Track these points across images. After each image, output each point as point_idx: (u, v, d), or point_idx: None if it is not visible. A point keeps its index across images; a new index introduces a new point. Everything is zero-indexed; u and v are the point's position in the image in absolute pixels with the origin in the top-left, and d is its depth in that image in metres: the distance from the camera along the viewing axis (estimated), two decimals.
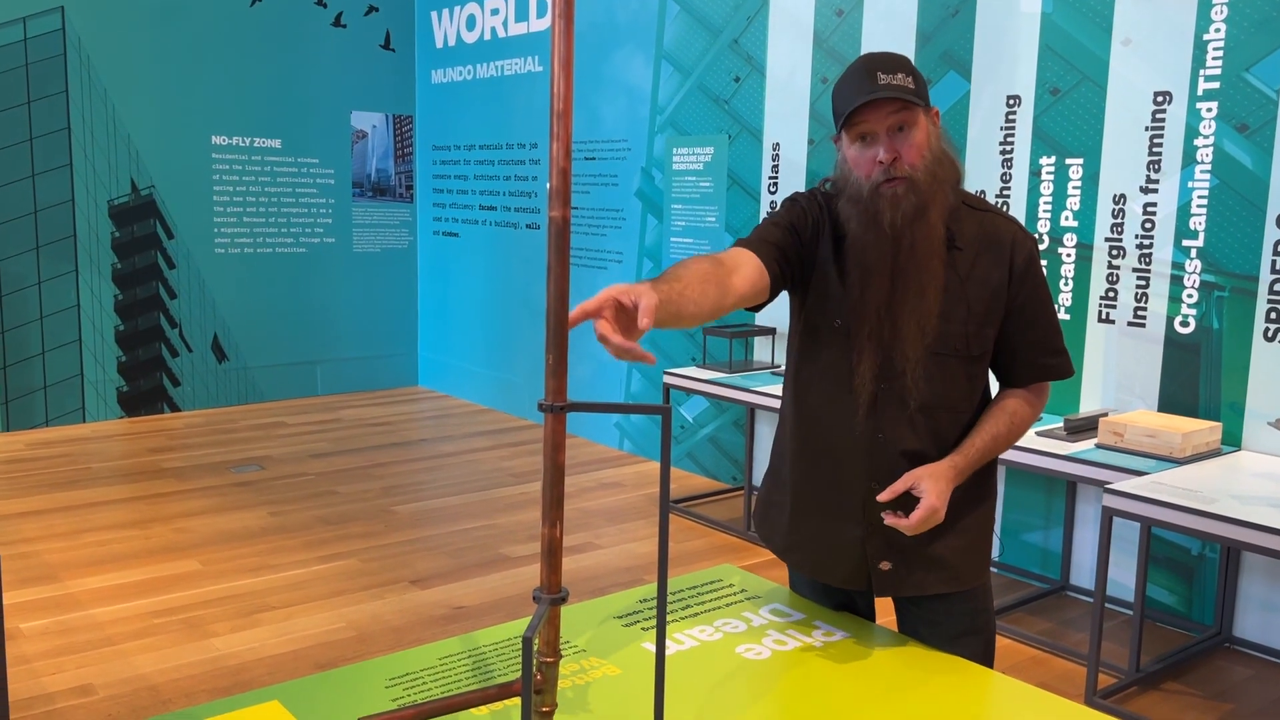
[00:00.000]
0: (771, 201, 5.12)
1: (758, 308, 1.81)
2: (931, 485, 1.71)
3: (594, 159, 6.12)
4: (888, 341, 1.75)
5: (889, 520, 1.71)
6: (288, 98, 7.05)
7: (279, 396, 7.26)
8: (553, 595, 1.25)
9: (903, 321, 1.74)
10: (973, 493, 1.86)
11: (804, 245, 1.81)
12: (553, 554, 1.25)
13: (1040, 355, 1.85)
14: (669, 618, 1.90)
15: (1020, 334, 1.82)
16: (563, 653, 1.64)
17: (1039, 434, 3.58)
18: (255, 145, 6.96)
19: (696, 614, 1.92)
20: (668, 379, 4.90)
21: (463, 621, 3.67)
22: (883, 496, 1.73)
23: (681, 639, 1.81)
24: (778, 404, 4.01)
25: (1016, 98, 4.08)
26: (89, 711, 3.01)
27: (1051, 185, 4.01)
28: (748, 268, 1.70)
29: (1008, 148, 4.12)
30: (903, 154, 1.70)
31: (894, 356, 1.76)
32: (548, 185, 1.24)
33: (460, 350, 7.49)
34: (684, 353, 5.63)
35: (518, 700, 1.52)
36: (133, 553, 4.28)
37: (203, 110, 6.72)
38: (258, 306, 7.09)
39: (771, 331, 5.00)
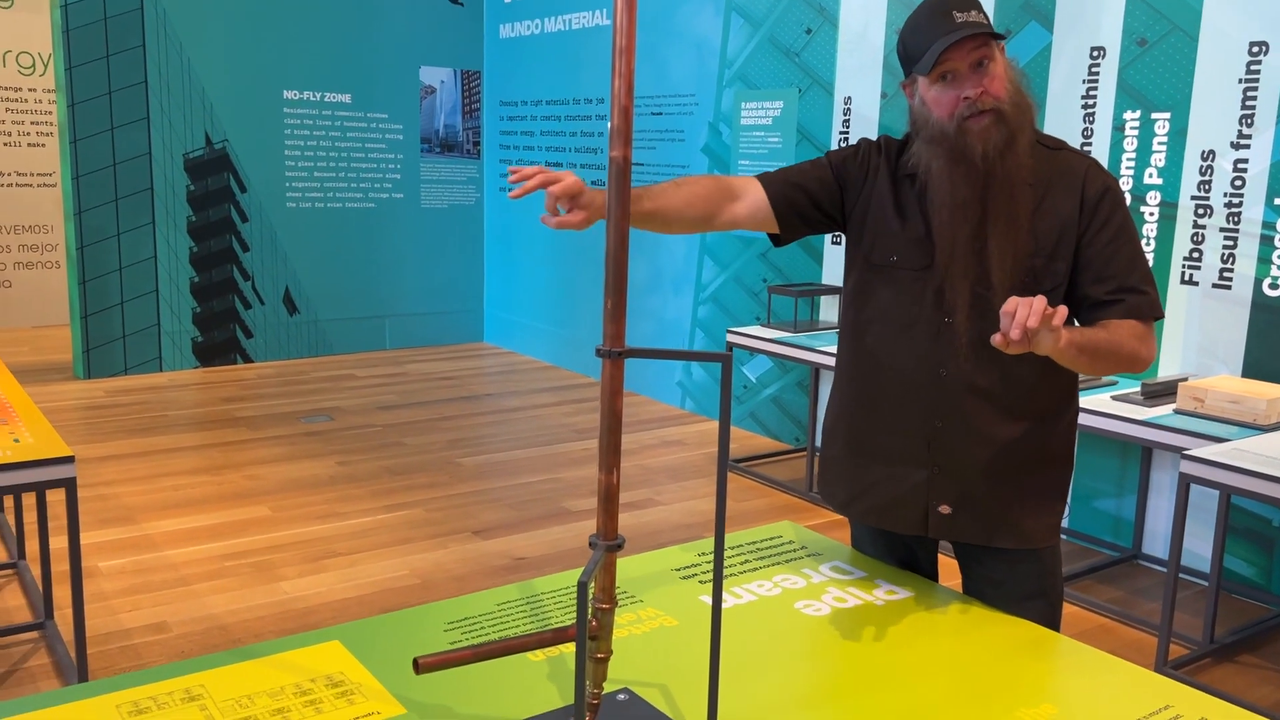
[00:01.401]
0: None
1: (779, 241, 1.92)
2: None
3: (660, 114, 6.05)
4: (975, 275, 1.71)
5: (995, 341, 1.50)
6: (358, 53, 7.09)
7: (348, 350, 7.38)
8: (609, 542, 1.24)
9: (990, 253, 1.70)
10: (1046, 453, 1.82)
11: (846, 185, 1.86)
12: (609, 501, 1.24)
13: (1118, 292, 1.70)
14: (727, 572, 1.88)
15: (1094, 268, 1.72)
16: (620, 602, 1.64)
17: (1114, 398, 3.48)
18: (326, 100, 7.02)
19: (756, 569, 1.90)
20: (731, 338, 4.85)
21: (523, 571, 3.70)
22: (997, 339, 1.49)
23: (740, 593, 1.79)
24: None
25: (1101, 49, 3.92)
26: (163, 647, 3.11)
27: (1136, 141, 3.85)
28: (751, 198, 1.85)
29: (1090, 102, 3.97)
30: (988, 87, 1.70)
31: (980, 290, 1.72)
32: (608, 125, 1.21)
33: (525, 307, 7.51)
34: (748, 311, 5.57)
35: (573, 646, 1.52)
36: (206, 498, 4.40)
37: (274, 65, 6.78)
38: (328, 261, 7.19)
39: (838, 290, 4.92)
